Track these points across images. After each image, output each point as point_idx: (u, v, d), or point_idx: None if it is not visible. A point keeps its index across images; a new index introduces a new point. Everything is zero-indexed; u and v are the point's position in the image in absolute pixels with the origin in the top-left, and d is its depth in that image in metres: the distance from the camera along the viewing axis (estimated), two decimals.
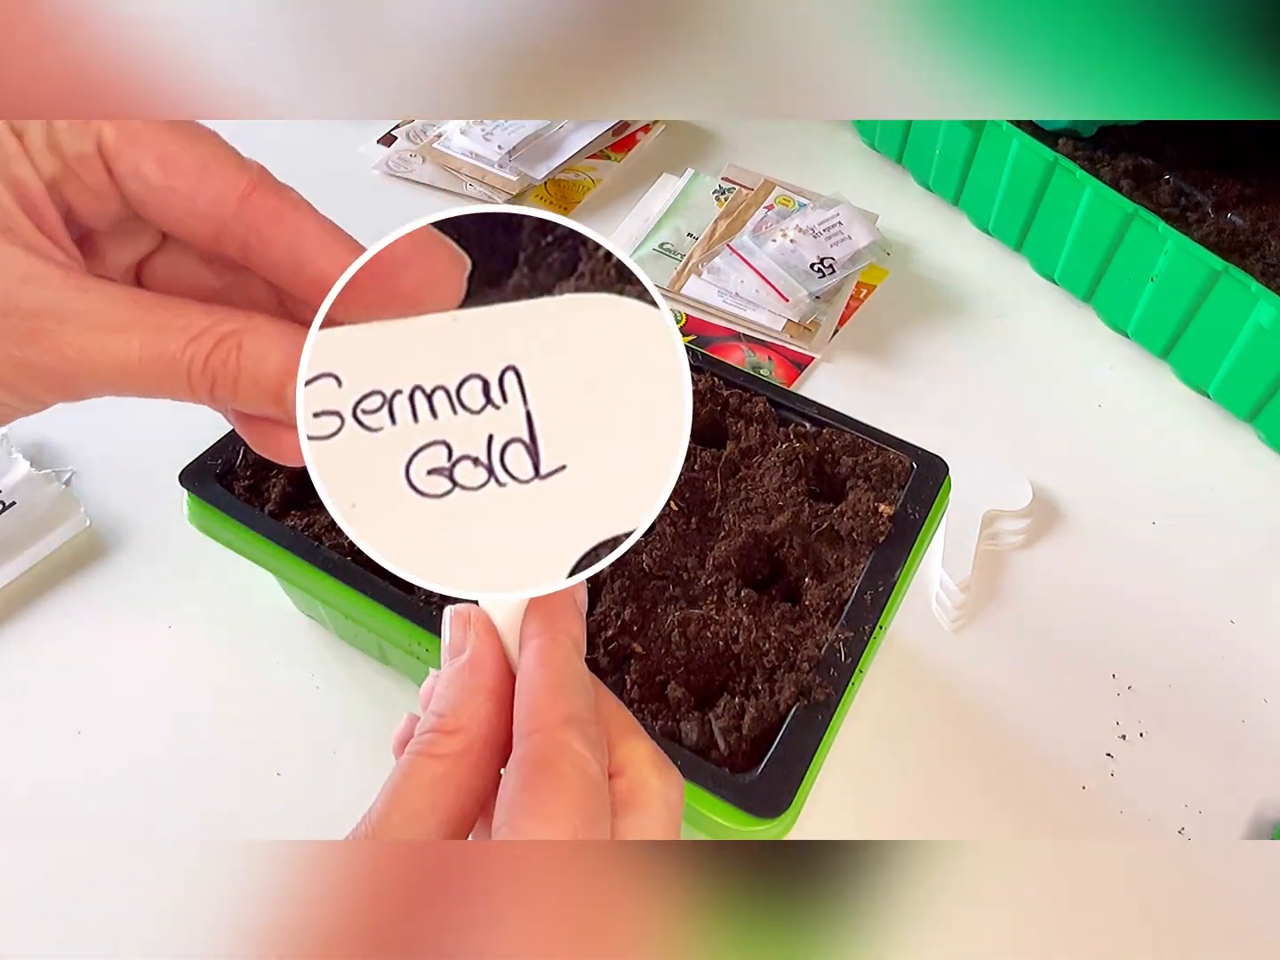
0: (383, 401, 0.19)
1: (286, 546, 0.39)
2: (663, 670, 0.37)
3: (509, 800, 0.22)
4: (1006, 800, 0.43)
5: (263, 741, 0.44)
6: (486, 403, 0.19)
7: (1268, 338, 0.53)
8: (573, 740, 0.22)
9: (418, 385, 0.19)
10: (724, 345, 0.62)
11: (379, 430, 0.19)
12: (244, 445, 0.42)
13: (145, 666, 0.46)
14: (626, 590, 0.39)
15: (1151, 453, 0.58)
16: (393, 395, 0.20)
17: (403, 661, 0.45)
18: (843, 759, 0.44)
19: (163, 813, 0.42)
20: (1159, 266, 0.57)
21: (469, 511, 0.20)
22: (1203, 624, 0.50)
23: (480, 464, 0.20)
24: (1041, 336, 0.64)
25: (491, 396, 0.19)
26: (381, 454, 0.20)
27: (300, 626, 0.48)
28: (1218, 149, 0.64)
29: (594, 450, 0.20)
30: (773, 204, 0.69)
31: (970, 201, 0.70)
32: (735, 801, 0.32)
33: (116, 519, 0.52)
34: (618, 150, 0.76)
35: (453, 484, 0.20)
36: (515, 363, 0.19)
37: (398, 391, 0.20)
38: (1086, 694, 0.47)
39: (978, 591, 0.50)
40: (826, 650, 0.37)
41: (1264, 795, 0.44)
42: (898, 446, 0.44)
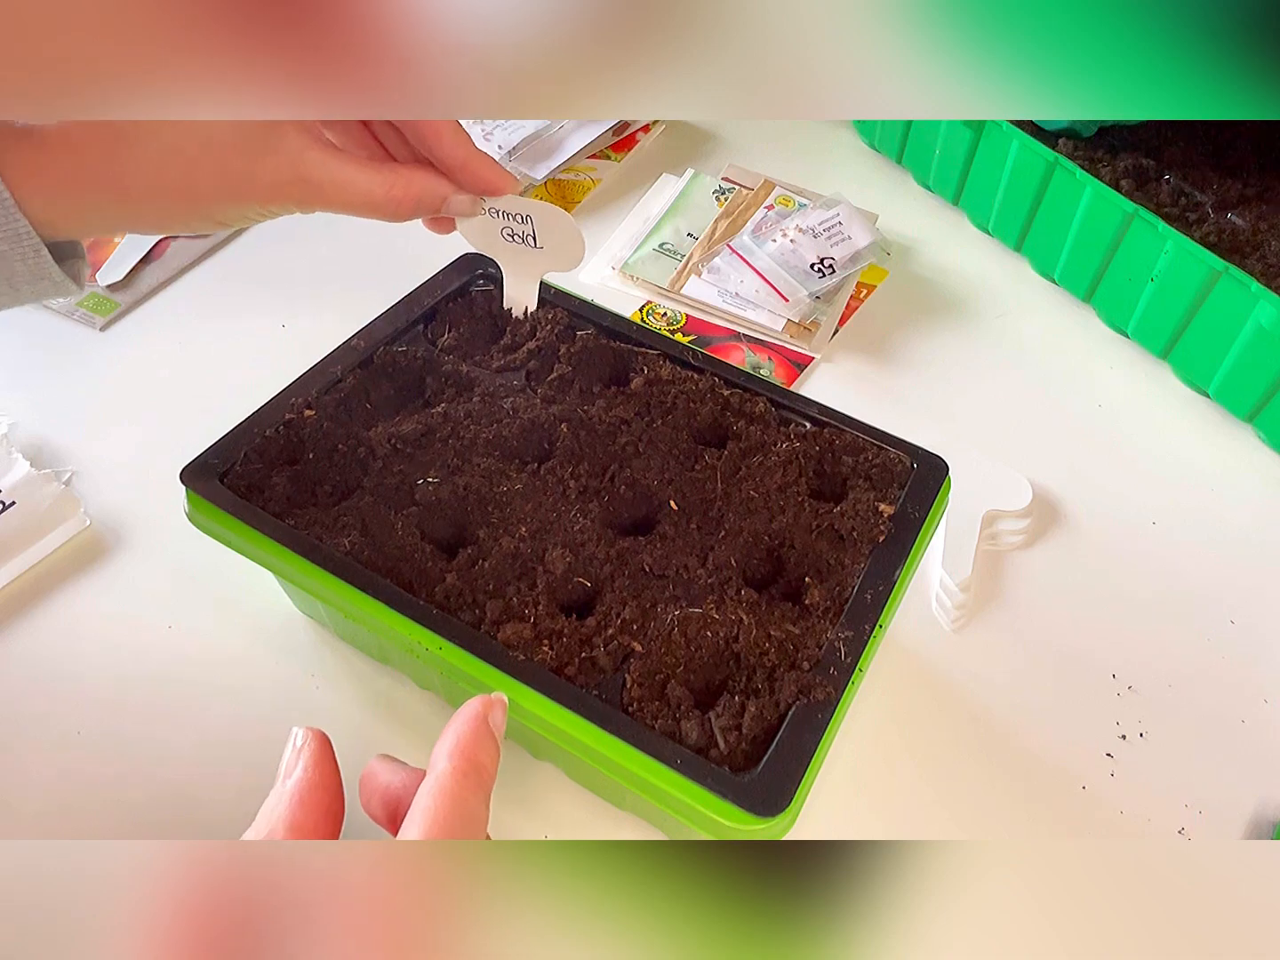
0: (496, 214, 0.43)
1: (287, 544, 0.39)
2: (663, 669, 0.37)
3: None
4: (1006, 800, 0.43)
5: (263, 741, 0.44)
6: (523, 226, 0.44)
7: (1268, 338, 0.53)
8: None
9: (504, 210, 0.43)
10: (724, 345, 0.62)
11: (492, 221, 0.44)
12: (246, 445, 0.42)
13: (145, 666, 0.46)
14: (627, 589, 0.39)
15: (1151, 453, 0.58)
16: (499, 213, 0.43)
17: (402, 660, 0.45)
18: (843, 759, 0.44)
19: (162, 812, 0.42)
20: (1159, 266, 0.57)
21: (521, 249, 0.45)
22: (1203, 624, 0.50)
23: (524, 237, 0.44)
24: (1041, 336, 0.64)
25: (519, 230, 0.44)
26: (493, 231, 0.44)
27: (300, 626, 0.48)
28: (1218, 149, 0.64)
29: (551, 242, 0.44)
30: (773, 204, 0.69)
31: (970, 201, 0.70)
32: (735, 800, 0.32)
33: (116, 519, 0.52)
34: (618, 150, 0.76)
35: (516, 239, 0.45)
36: (530, 213, 0.43)
37: (495, 209, 0.43)
38: (1086, 694, 0.47)
39: (978, 591, 0.50)
40: (826, 650, 0.37)
41: (1264, 795, 0.44)
42: (898, 446, 0.44)
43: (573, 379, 0.47)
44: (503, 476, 0.42)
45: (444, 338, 0.49)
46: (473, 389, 0.46)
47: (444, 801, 0.26)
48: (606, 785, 0.41)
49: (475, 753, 0.27)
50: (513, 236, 0.44)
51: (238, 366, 0.59)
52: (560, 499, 0.42)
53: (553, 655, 0.36)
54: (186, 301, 0.64)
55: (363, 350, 0.47)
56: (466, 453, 0.43)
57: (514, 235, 0.44)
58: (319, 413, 0.44)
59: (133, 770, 0.43)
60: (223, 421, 0.43)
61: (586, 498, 0.42)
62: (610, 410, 0.45)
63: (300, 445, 0.44)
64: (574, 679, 0.36)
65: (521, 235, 0.44)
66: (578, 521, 0.41)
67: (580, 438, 0.44)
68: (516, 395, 0.46)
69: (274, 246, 0.67)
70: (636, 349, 0.48)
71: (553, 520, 0.41)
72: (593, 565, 0.40)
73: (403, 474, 0.42)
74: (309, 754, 0.28)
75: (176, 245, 0.67)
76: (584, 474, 0.43)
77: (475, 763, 0.27)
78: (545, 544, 0.40)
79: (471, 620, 0.38)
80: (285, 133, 0.35)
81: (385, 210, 0.38)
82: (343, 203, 0.37)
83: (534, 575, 0.39)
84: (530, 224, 0.43)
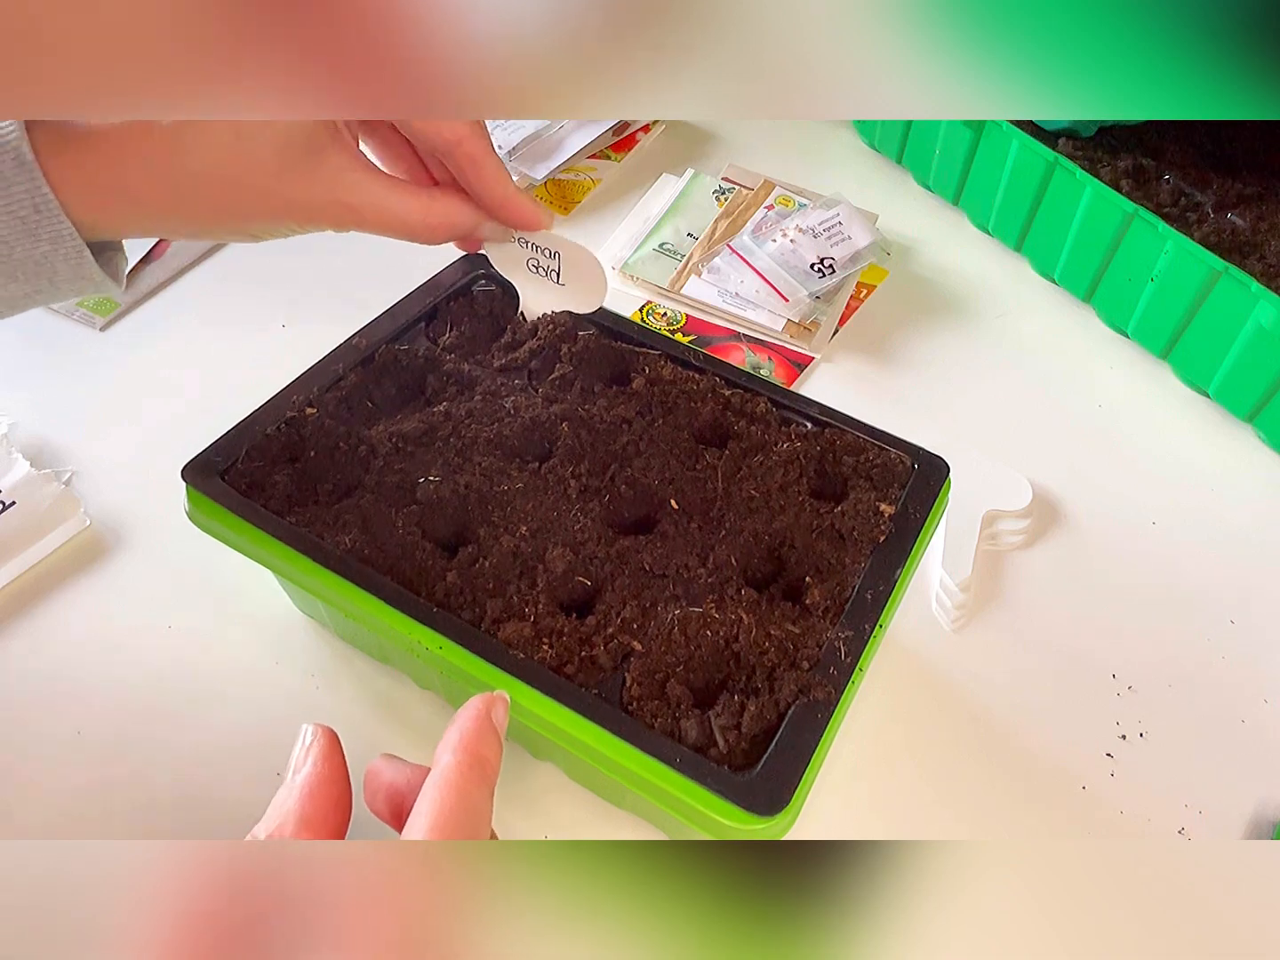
0: (525, 244, 0.43)
1: (287, 542, 0.39)
2: (663, 668, 0.37)
3: None
4: (1006, 800, 0.43)
5: (263, 741, 0.44)
6: (550, 261, 0.44)
7: (1268, 338, 0.53)
8: None
9: (534, 243, 0.43)
10: (724, 345, 0.62)
11: (520, 250, 0.44)
12: (247, 442, 0.42)
13: (145, 666, 0.46)
14: (627, 588, 0.39)
15: (1151, 453, 0.58)
16: (528, 244, 0.43)
17: (402, 660, 0.45)
18: (843, 759, 0.44)
19: (162, 813, 0.42)
20: (1159, 266, 0.57)
21: (544, 282, 0.45)
22: (1203, 624, 0.50)
23: (548, 271, 0.44)
24: (1041, 336, 0.64)
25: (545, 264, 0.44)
26: (518, 258, 0.44)
27: (300, 626, 0.48)
28: (1218, 149, 0.64)
29: (574, 281, 0.44)
30: (773, 204, 0.69)
31: (970, 201, 0.70)
32: (734, 800, 0.32)
33: (116, 519, 0.52)
34: (618, 150, 0.76)
35: (540, 271, 0.44)
36: (560, 250, 0.43)
37: (524, 240, 0.43)
38: (1086, 694, 0.47)
39: (978, 591, 0.50)
40: (826, 649, 0.37)
41: (1264, 795, 0.44)
42: (898, 446, 0.44)
43: (574, 378, 0.47)
44: (503, 475, 0.42)
45: (445, 336, 0.49)
46: (474, 388, 0.46)
47: (449, 794, 0.26)
48: (606, 785, 0.42)
49: (479, 747, 0.28)
50: (537, 269, 0.44)
51: (238, 366, 0.59)
52: (561, 498, 0.42)
53: (553, 654, 0.36)
54: (186, 301, 0.64)
55: (364, 348, 0.47)
56: (467, 451, 0.43)
57: (539, 268, 0.44)
58: (320, 411, 0.44)
59: (133, 770, 0.43)
60: (223, 421, 0.43)
61: (587, 497, 0.42)
62: (611, 410, 0.45)
63: (301, 443, 0.44)
64: (574, 678, 0.36)
65: (546, 269, 0.44)
66: (578, 520, 0.41)
67: (581, 437, 0.44)
68: (518, 394, 0.46)
69: (274, 246, 0.67)
70: (637, 349, 0.48)
71: (553, 519, 0.41)
72: (593, 564, 0.40)
73: (404, 472, 0.42)
74: (318, 749, 0.29)
75: (177, 245, 0.67)
76: (585, 473, 0.43)
77: (479, 756, 0.27)
78: (546, 543, 0.40)
79: (472, 619, 0.38)
80: (326, 155, 0.35)
81: (421, 236, 0.39)
82: (379, 226, 0.37)
83: (534, 574, 0.39)
84: (557, 260, 0.43)
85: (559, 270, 0.44)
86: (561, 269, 0.44)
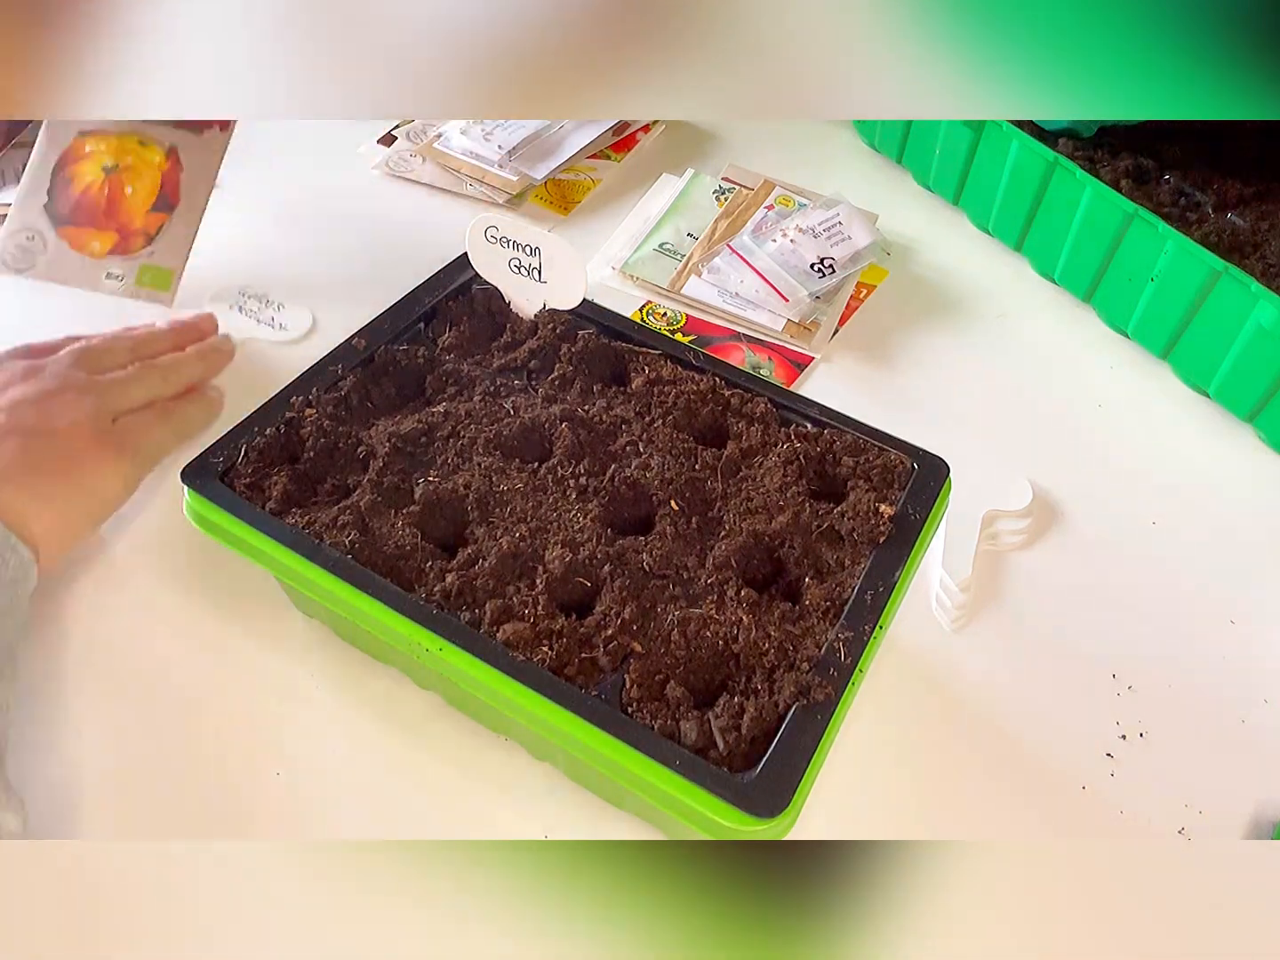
0: (507, 244, 0.47)
1: (287, 544, 0.39)
2: (662, 669, 0.37)
3: None
4: (1006, 800, 0.43)
5: (262, 741, 0.44)
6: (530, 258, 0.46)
7: (1268, 338, 0.53)
8: None
9: (514, 240, 0.46)
10: (724, 345, 0.62)
11: (500, 250, 0.47)
12: (246, 443, 0.42)
13: (145, 666, 0.46)
14: (626, 589, 0.39)
15: (1151, 453, 0.58)
16: (509, 242, 0.46)
17: (402, 660, 0.45)
18: (843, 759, 0.43)
19: (162, 813, 0.42)
20: (1159, 266, 0.57)
21: (525, 282, 0.48)
22: (1203, 624, 0.50)
23: (530, 270, 0.46)
24: (1041, 336, 0.64)
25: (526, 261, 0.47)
26: (501, 260, 0.47)
27: (300, 626, 0.48)
28: (1218, 149, 0.64)
29: (555, 278, 0.46)
30: (773, 204, 0.69)
31: (970, 201, 0.70)
32: (734, 801, 0.32)
33: (116, 519, 0.52)
34: (618, 150, 0.76)
35: (522, 271, 0.47)
36: (539, 245, 0.46)
37: (506, 238, 0.46)
38: (1086, 694, 0.47)
39: (978, 591, 0.50)
40: (826, 650, 0.37)
41: (1264, 795, 0.44)
42: (898, 447, 0.44)
43: (573, 378, 0.47)
44: (503, 475, 0.42)
45: (444, 336, 0.49)
46: (473, 388, 0.46)
47: None
48: (606, 785, 0.41)
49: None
50: (519, 268, 0.45)
51: (237, 365, 0.59)
52: (560, 498, 0.42)
53: (552, 655, 0.36)
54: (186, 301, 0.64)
55: (363, 349, 0.47)
56: (466, 451, 0.43)
57: (520, 267, 0.45)
58: (319, 411, 0.44)
59: (132, 771, 0.43)
60: (222, 421, 0.43)
61: (586, 497, 0.42)
62: (610, 410, 0.45)
63: (301, 444, 0.44)
64: (573, 679, 0.36)
65: (528, 268, 0.45)
66: (577, 521, 0.41)
67: (580, 437, 0.44)
68: (517, 394, 0.46)
69: (275, 248, 0.67)
70: (637, 349, 0.48)
71: (552, 519, 0.41)
72: (592, 565, 0.40)
73: (403, 473, 0.42)
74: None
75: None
76: (584, 473, 0.43)
77: None
78: (545, 543, 0.40)
79: (471, 620, 0.38)
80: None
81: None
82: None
83: (534, 575, 0.39)
84: (538, 256, 0.44)
85: (539, 268, 0.45)
86: (542, 266, 0.45)
